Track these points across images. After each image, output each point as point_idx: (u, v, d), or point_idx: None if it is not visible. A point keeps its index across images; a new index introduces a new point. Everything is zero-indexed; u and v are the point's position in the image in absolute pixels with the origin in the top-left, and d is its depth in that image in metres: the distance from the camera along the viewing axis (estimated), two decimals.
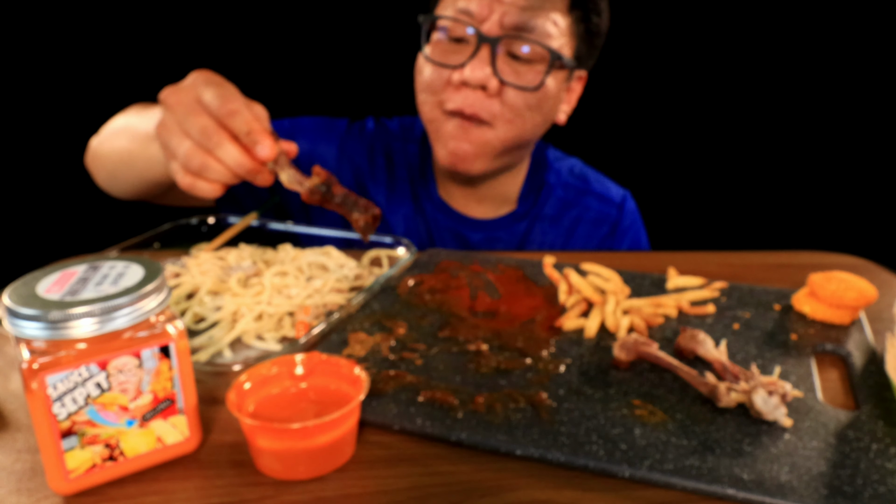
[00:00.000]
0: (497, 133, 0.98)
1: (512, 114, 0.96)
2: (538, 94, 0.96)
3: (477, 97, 0.95)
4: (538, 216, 1.16)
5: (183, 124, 0.67)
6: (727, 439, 0.52)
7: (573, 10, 0.96)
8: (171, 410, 0.50)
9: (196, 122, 0.66)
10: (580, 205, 1.18)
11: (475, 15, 0.93)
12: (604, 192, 1.20)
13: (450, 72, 0.96)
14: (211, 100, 0.66)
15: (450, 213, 1.13)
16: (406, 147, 1.15)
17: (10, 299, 0.45)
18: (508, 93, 0.95)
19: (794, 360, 0.65)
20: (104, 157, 0.99)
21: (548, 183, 1.17)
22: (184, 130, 0.67)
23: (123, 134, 0.95)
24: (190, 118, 0.67)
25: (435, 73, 0.98)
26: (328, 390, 0.55)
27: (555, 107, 1.02)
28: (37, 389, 0.44)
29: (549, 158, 1.20)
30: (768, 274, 0.90)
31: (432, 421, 0.54)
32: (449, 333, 0.69)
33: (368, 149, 1.15)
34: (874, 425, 0.54)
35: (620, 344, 0.63)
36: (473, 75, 0.92)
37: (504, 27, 0.92)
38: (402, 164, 1.14)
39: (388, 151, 1.15)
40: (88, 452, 0.47)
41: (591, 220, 1.18)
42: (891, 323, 0.75)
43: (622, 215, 1.20)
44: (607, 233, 1.19)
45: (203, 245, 0.91)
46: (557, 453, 0.50)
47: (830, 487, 0.47)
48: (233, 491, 0.48)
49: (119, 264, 0.50)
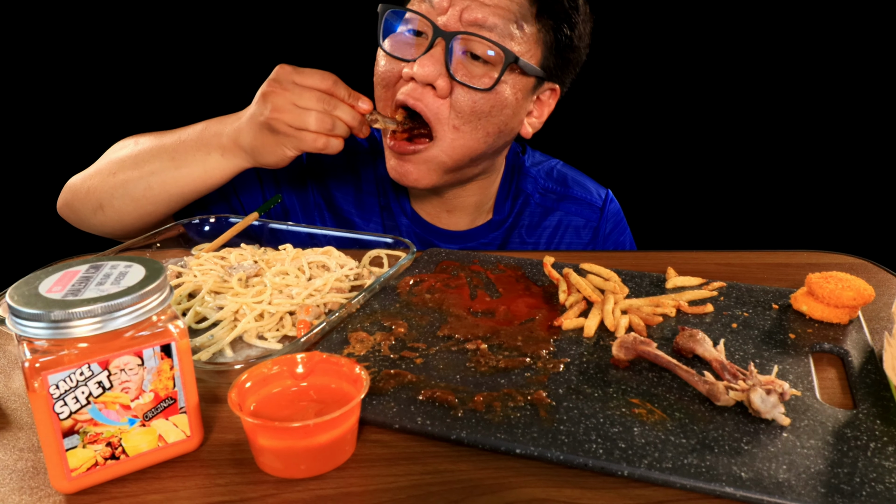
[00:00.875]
0: (441, 146, 0.93)
1: (459, 120, 0.91)
2: (490, 100, 0.91)
3: (426, 94, 0.91)
4: (515, 225, 1.13)
5: (299, 103, 0.86)
6: (725, 438, 0.52)
7: (541, 17, 0.92)
8: (173, 409, 0.50)
9: (311, 97, 0.86)
10: (560, 210, 1.15)
11: (435, 6, 0.90)
12: (584, 196, 1.17)
13: (402, 65, 0.92)
14: (311, 79, 0.86)
15: (424, 226, 1.11)
16: (376, 161, 1.11)
17: (12, 299, 0.45)
18: (459, 95, 0.90)
19: (792, 360, 0.65)
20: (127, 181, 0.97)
21: (525, 191, 1.14)
22: (303, 107, 0.86)
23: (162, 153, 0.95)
24: (304, 96, 0.86)
25: (388, 65, 0.94)
26: (329, 389, 0.55)
27: (513, 117, 0.96)
28: (39, 388, 0.44)
29: (525, 165, 1.16)
30: (766, 273, 0.90)
31: (432, 420, 0.54)
32: (449, 332, 0.70)
33: (334, 165, 1.11)
34: (872, 424, 0.55)
35: (619, 343, 0.64)
36: (422, 71, 0.88)
37: (463, 23, 0.89)
38: (370, 179, 1.11)
39: (356, 167, 1.12)
40: (90, 451, 0.47)
41: (571, 226, 1.15)
42: (889, 322, 0.75)
43: (604, 219, 1.17)
44: (589, 239, 1.17)
45: (204, 245, 0.92)
46: (557, 452, 0.50)
47: (828, 486, 0.47)
48: (234, 489, 0.48)
49: (121, 264, 0.51)
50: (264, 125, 0.88)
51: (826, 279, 0.74)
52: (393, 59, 0.94)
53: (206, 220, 0.96)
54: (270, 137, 0.89)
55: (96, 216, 1.01)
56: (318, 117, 0.86)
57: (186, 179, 0.95)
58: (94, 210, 1.00)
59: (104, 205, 0.99)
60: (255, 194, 1.10)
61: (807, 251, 0.98)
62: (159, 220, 1.01)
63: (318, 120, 0.86)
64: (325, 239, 0.93)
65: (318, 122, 0.86)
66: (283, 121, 0.86)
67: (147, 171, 0.96)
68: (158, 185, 0.95)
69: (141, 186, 0.96)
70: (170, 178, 0.95)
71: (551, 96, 1.02)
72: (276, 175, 1.10)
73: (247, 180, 1.09)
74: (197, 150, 0.94)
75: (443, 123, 0.92)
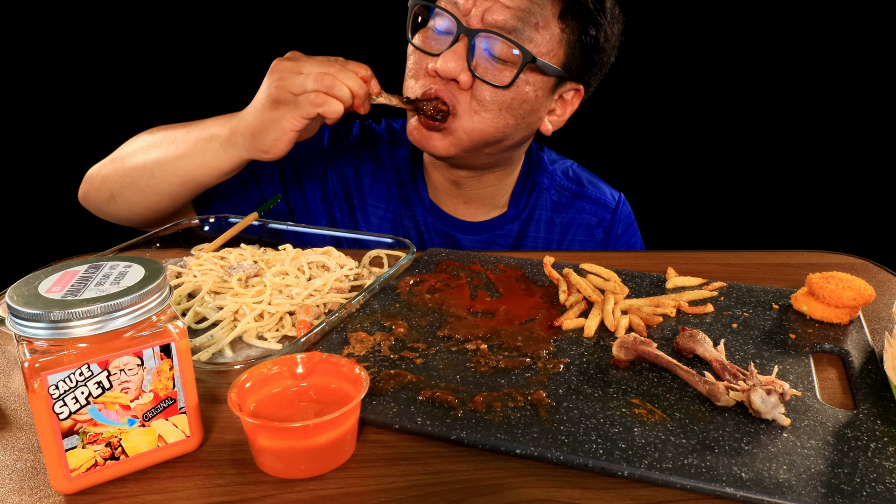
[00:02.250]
0: (461, 122, 0.96)
1: (479, 105, 0.95)
2: (510, 95, 0.94)
3: (450, 86, 0.94)
4: (531, 219, 1.15)
5: (303, 69, 0.86)
6: (726, 438, 0.52)
7: (565, 18, 0.94)
8: (173, 409, 0.50)
9: (314, 62, 0.86)
10: (574, 208, 1.17)
11: (460, 7, 0.93)
12: (598, 197, 1.19)
13: (429, 59, 0.96)
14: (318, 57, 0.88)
15: (440, 216, 1.13)
16: (395, 151, 1.15)
17: (11, 299, 0.45)
18: (479, 88, 0.94)
19: (792, 360, 0.65)
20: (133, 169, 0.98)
21: (541, 185, 1.16)
22: (306, 72, 0.85)
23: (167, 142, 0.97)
24: (308, 63, 0.86)
25: (417, 59, 0.98)
26: (328, 389, 0.55)
27: (532, 113, 0.99)
28: (38, 388, 0.44)
29: (544, 161, 1.19)
30: (767, 273, 0.90)
31: (432, 420, 0.54)
32: (449, 333, 0.70)
33: (354, 154, 1.14)
34: (872, 424, 0.55)
35: (619, 343, 0.64)
36: (445, 66, 0.92)
37: (485, 23, 0.91)
38: (389, 169, 1.14)
39: (376, 155, 1.14)
40: (90, 451, 0.47)
41: (585, 224, 1.17)
42: (889, 322, 0.75)
43: (616, 220, 1.19)
44: (602, 238, 1.18)
45: (204, 245, 0.92)
46: (557, 452, 0.50)
47: (829, 486, 0.47)
48: (234, 489, 0.48)
49: (120, 264, 0.51)
50: (267, 100, 0.87)
51: (826, 279, 0.74)
52: (420, 54, 0.98)
53: (205, 221, 0.96)
54: (271, 113, 0.88)
55: (109, 206, 1.03)
56: (317, 76, 0.85)
57: (186, 169, 0.95)
58: (108, 200, 1.02)
59: (115, 194, 1.01)
60: (276, 184, 1.10)
61: (807, 251, 0.98)
62: (169, 212, 1.01)
63: (318, 78, 0.85)
64: (324, 239, 0.93)
65: (317, 80, 0.85)
66: (284, 87, 0.86)
67: (151, 161, 0.97)
68: (160, 174, 0.96)
69: (145, 176, 0.97)
70: (171, 168, 0.95)
71: (575, 96, 1.05)
72: (297, 165, 1.11)
73: (269, 171, 1.10)
74: (198, 140, 0.94)
75: (463, 106, 0.96)
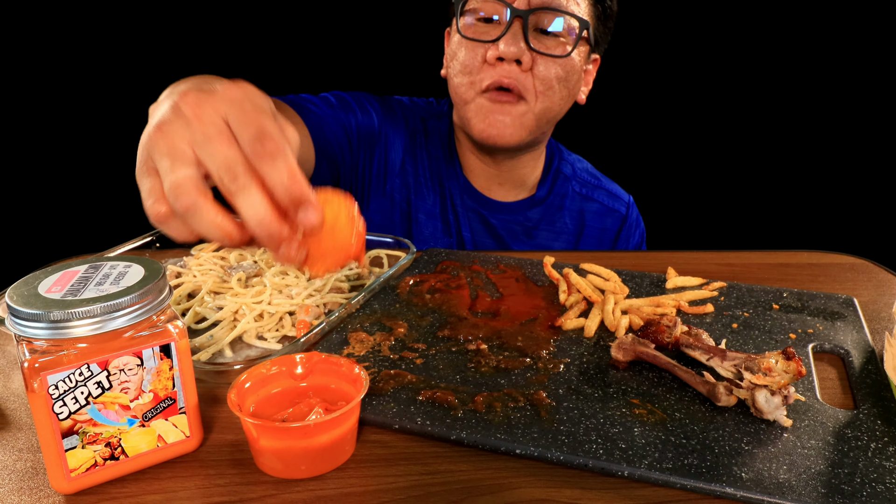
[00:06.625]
0: (531, 106, 1.02)
1: (543, 86, 1.01)
2: (566, 67, 1.01)
3: (513, 70, 0.99)
4: (554, 205, 1.21)
5: (198, 146, 0.46)
6: (726, 438, 0.52)
7: None
8: (172, 409, 0.50)
9: (220, 151, 0.45)
10: (593, 199, 1.23)
11: None
12: (614, 191, 1.26)
13: (484, 51, 1.00)
14: (244, 127, 0.46)
15: (474, 195, 1.17)
16: (439, 124, 1.19)
17: (11, 299, 0.45)
18: (539, 66, 0.99)
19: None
20: None
21: (564, 174, 1.22)
22: (195, 154, 0.46)
23: None
24: (213, 143, 0.46)
25: (470, 53, 1.02)
26: (328, 389, 0.55)
27: (578, 82, 1.07)
28: (38, 389, 0.44)
29: (563, 149, 1.26)
30: (767, 273, 0.90)
31: (432, 420, 0.54)
32: (449, 333, 0.69)
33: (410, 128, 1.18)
34: (872, 424, 0.54)
35: (618, 344, 0.64)
36: (508, 49, 0.96)
37: (531, 4, 0.97)
38: (436, 142, 1.18)
39: (425, 128, 1.19)
40: (89, 451, 0.47)
41: (603, 213, 1.23)
42: (889, 322, 0.75)
43: (630, 214, 1.26)
44: (618, 228, 1.24)
45: (204, 245, 0.92)
46: (557, 452, 0.50)
47: (829, 486, 0.47)
48: (233, 490, 0.48)
49: (120, 264, 0.51)
50: (141, 152, 0.49)
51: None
52: (473, 47, 1.01)
53: None
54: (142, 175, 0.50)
55: None
56: (182, 182, 0.46)
57: None
58: None
59: None
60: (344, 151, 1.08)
61: (807, 251, 0.98)
62: None
63: (179, 186, 0.45)
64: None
65: (176, 188, 0.45)
66: (156, 144, 0.44)
67: None
68: None
69: None
70: None
71: (594, 66, 1.12)
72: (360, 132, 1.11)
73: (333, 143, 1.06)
74: None
75: (530, 91, 1.01)
